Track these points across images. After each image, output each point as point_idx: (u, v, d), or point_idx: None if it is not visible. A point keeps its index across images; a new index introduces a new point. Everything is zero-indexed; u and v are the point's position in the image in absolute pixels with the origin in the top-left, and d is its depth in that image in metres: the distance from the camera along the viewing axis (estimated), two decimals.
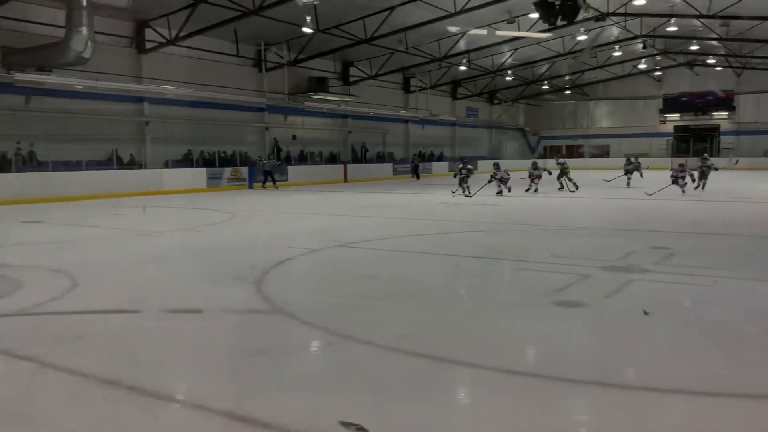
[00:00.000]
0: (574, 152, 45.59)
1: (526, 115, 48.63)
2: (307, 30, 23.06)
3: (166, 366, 4.28)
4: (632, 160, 22.73)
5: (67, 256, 8.70)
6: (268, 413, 3.38)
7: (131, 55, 22.26)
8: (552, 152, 46.83)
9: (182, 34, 21.77)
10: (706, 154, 22.02)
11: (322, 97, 28.75)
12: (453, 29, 24.40)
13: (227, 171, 23.96)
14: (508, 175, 18.12)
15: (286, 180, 25.86)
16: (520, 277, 7.25)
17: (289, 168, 26.81)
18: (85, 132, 20.40)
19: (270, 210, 15.96)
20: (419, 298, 6.11)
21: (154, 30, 22.11)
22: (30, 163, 19.30)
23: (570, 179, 19.77)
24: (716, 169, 20.24)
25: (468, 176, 18.35)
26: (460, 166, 19.10)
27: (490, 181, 18.11)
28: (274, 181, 23.74)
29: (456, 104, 40.91)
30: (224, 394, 3.69)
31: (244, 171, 24.61)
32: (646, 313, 5.23)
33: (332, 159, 30.65)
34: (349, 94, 30.87)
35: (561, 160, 21.28)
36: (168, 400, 3.70)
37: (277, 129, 28.17)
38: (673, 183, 18.02)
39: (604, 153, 45.11)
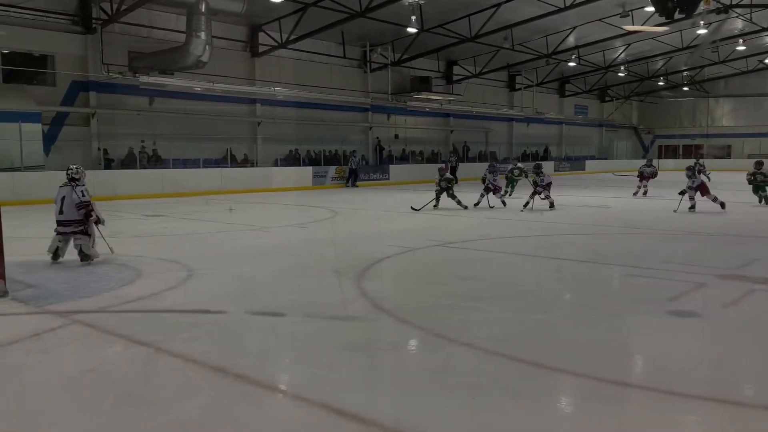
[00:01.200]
0: (692, 152, 42.85)
1: (639, 112, 46.30)
2: (411, 30, 23.19)
3: (270, 357, 4.46)
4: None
5: (184, 248, 9.28)
6: (363, 408, 3.44)
7: (245, 59, 23.36)
8: (667, 152, 44.32)
9: (292, 37, 22.58)
10: None
11: (424, 96, 28.81)
12: (628, 28, 23.07)
13: (332, 170, 24.60)
14: (497, 182, 15.15)
15: (387, 179, 26.14)
16: (629, 284, 6.91)
17: (391, 167, 27.10)
18: (203, 131, 21.69)
19: (371, 208, 16.19)
20: (520, 301, 5.98)
21: (267, 34, 23.07)
22: (152, 160, 20.75)
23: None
24: None
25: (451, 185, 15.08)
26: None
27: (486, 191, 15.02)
28: (356, 179, 24.54)
29: (563, 102, 39.66)
30: (323, 386, 3.79)
31: (345, 170, 25.18)
32: None
33: (433, 158, 30.63)
34: (452, 93, 30.72)
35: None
36: (271, 389, 3.85)
37: (380, 128, 28.57)
38: None
39: (725, 154, 42.13)
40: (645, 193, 18.13)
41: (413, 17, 21.72)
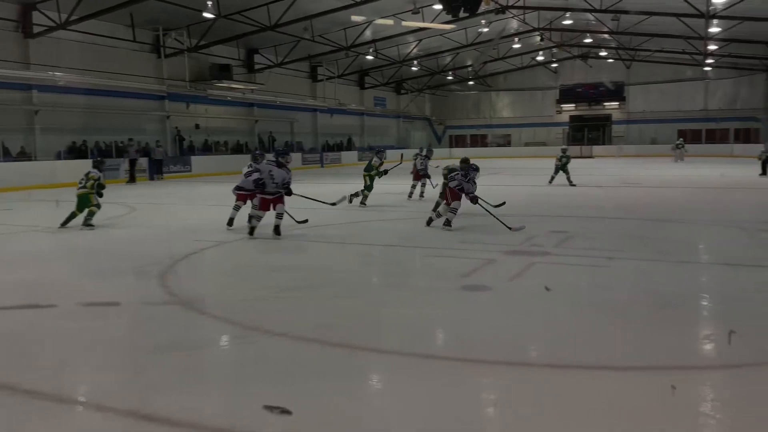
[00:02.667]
0: (478, 142, 46.93)
1: (432, 104, 49.48)
2: (208, 15, 22.33)
3: (68, 367, 4.07)
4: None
5: None
6: (176, 410, 3.29)
7: (17, 40, 20.66)
8: (458, 141, 47.98)
9: (73, 17, 20.45)
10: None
11: (225, 84, 27.96)
12: (357, 19, 24.39)
13: (126, 162, 22.85)
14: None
15: (190, 171, 24.99)
16: (430, 264, 7.41)
17: (193, 159, 25.94)
18: None
19: (174, 202, 15.41)
20: (333, 287, 6.12)
21: (42, 13, 20.63)
22: None
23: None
24: None
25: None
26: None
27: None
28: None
29: (364, 94, 41.03)
30: (130, 393, 3.56)
31: (144, 162, 23.57)
32: (547, 289, 5.64)
33: (238, 149, 29.93)
34: (255, 82, 30.22)
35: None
36: (70, 402, 3.52)
37: (179, 118, 27.11)
38: None
39: (506, 142, 46.73)
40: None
41: (209, 2, 20.91)
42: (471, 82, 45.40)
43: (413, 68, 39.02)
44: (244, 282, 6.47)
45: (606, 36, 33.78)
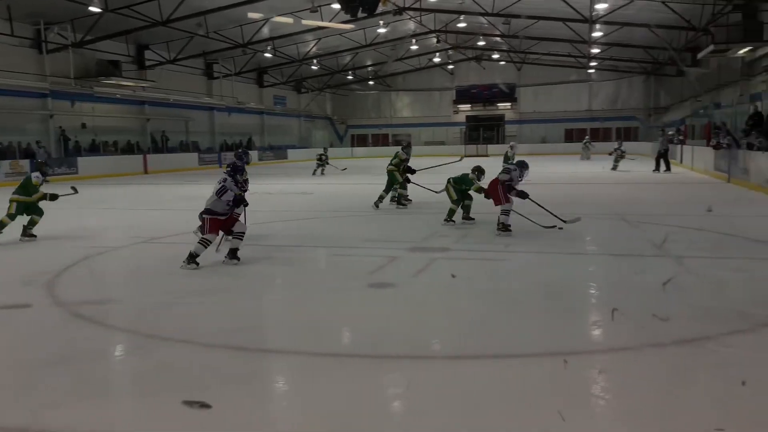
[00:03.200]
0: (380, 141, 47.46)
1: (333, 104, 49.48)
2: (94, 9, 21.15)
3: None
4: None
5: None
6: (69, 426, 3.12)
7: None
8: (359, 141, 48.27)
9: None
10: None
11: (114, 82, 26.61)
12: (254, 16, 23.94)
13: (6, 164, 21.21)
14: None
15: (76, 173, 23.58)
16: (336, 263, 7.42)
17: (79, 160, 24.46)
18: None
19: (60, 207, 14.46)
20: (236, 290, 6.00)
21: None
22: None
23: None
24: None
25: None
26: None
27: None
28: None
29: (263, 92, 40.37)
30: (19, 410, 3.32)
31: (26, 164, 21.97)
32: (453, 276, 5.99)
33: (129, 149, 28.57)
34: (146, 80, 28.97)
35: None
36: None
37: (64, 117, 25.49)
38: None
39: (407, 143, 47.44)
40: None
41: None
42: (371, 82, 45.82)
43: (313, 67, 38.86)
44: (140, 288, 6.19)
45: (498, 39, 35.14)
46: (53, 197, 8.81)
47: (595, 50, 34.20)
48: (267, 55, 33.08)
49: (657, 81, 40.04)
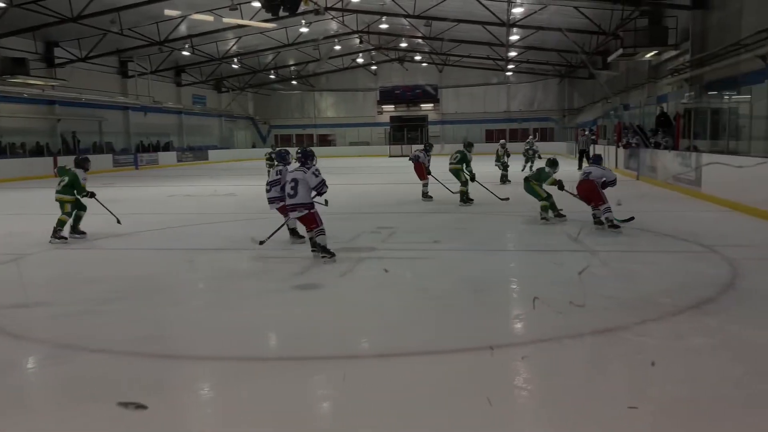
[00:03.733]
0: (304, 141, 47.11)
1: (255, 103, 48.64)
2: None
3: None
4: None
5: None
6: None
7: None
8: (283, 141, 47.73)
9: None
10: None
11: (21, 80, 25.09)
12: (171, 13, 23.19)
13: None
14: None
15: None
16: (260, 265, 7.29)
17: None
18: None
19: None
20: (154, 297, 5.79)
21: None
22: None
23: None
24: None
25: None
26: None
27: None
28: None
29: (181, 91, 39.18)
30: None
31: None
32: (386, 270, 6.20)
33: (38, 151, 27.04)
34: (56, 78, 27.51)
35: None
36: None
37: None
38: None
39: (331, 142, 47.40)
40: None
41: None
42: (294, 82, 45.40)
43: (234, 66, 38.06)
44: (52, 297, 5.86)
45: (420, 41, 35.61)
46: (92, 195, 8.91)
47: (513, 53, 35.24)
48: (185, 53, 32.12)
49: (570, 83, 41.74)
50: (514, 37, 30.29)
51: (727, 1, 16.32)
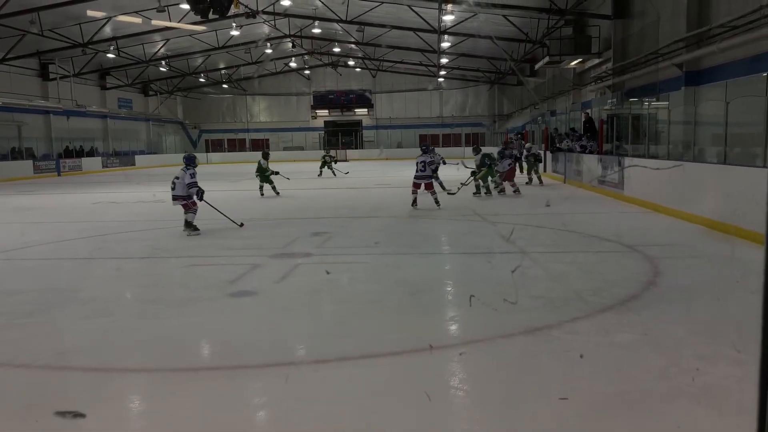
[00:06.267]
0: (236, 146, 46.30)
1: (184, 107, 47.42)
2: None
3: None
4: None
5: None
6: None
7: None
8: (214, 146, 46.76)
9: None
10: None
11: None
12: (95, 14, 22.33)
13: None
14: None
15: None
16: (192, 273, 7.11)
17: None
18: None
19: None
20: (80, 308, 5.54)
21: None
22: None
23: None
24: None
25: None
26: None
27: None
28: None
29: (106, 94, 37.76)
30: None
31: None
32: (328, 272, 6.36)
33: None
34: None
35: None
36: None
37: None
38: None
39: (264, 146, 46.75)
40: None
41: None
42: (225, 86, 44.57)
43: (162, 68, 37.01)
44: None
45: (353, 46, 35.68)
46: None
47: (444, 60, 35.84)
48: (110, 55, 30.98)
49: (500, 90, 42.82)
50: (445, 44, 30.81)
51: (646, 12, 17.16)
